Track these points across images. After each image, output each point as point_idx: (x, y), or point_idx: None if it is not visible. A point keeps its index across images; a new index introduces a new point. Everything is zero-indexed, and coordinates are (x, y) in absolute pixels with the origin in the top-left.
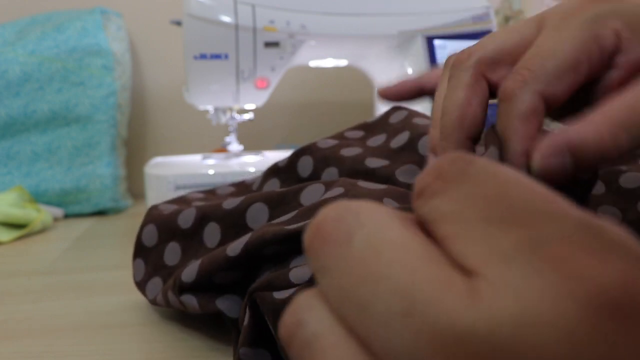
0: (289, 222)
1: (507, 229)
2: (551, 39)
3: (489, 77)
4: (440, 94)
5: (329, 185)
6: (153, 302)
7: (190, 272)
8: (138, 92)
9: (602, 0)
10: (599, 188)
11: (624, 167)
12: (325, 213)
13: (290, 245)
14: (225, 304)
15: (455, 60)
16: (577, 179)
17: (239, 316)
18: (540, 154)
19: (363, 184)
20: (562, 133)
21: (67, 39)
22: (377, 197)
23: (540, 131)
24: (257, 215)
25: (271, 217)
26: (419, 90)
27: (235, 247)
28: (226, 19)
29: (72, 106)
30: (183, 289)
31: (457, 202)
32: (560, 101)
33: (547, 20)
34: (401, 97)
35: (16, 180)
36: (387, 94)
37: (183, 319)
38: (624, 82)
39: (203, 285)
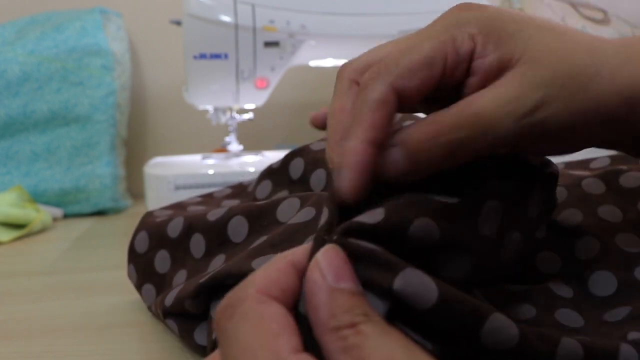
0: (255, 250)
1: None
2: (411, 39)
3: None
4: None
5: (304, 200)
6: (150, 309)
7: (170, 296)
8: (138, 92)
9: (467, 8)
10: (599, 188)
11: (624, 167)
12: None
13: None
14: (200, 336)
15: (337, 74)
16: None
17: (207, 346)
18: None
19: None
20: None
21: (66, 39)
22: None
23: (389, 121)
24: (238, 229)
25: (250, 230)
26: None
27: (206, 276)
28: (226, 18)
29: (72, 106)
30: (166, 312)
31: (224, 358)
32: (414, 95)
33: (420, 30)
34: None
35: (15, 180)
36: (317, 122)
37: None
38: (481, 87)
39: (180, 312)
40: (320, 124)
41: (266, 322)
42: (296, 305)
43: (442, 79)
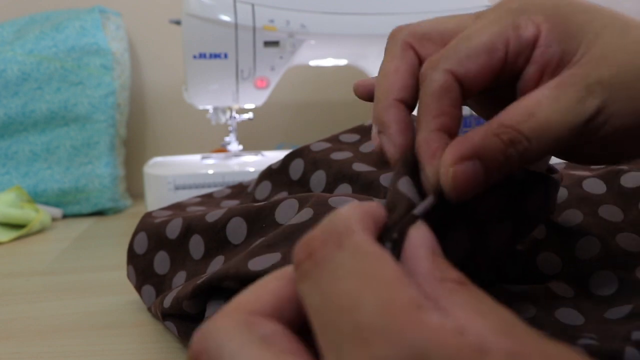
0: (252, 251)
1: (353, 346)
2: (473, 25)
3: (418, 51)
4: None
5: (303, 201)
6: (149, 310)
7: (169, 298)
8: (137, 92)
9: None
10: (600, 187)
11: (625, 167)
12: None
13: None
14: None
15: (390, 35)
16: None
17: None
18: (450, 162)
19: (335, 200)
20: (464, 139)
21: (65, 38)
22: None
23: (456, 108)
24: (236, 230)
25: (249, 232)
26: None
27: (203, 278)
28: (226, 18)
29: (71, 106)
30: (164, 314)
31: (320, 295)
32: (476, 83)
33: (482, 13)
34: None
35: (14, 180)
36: (361, 91)
37: None
38: (538, 79)
39: (178, 313)
40: (367, 95)
41: (389, 259)
42: None
43: (504, 66)
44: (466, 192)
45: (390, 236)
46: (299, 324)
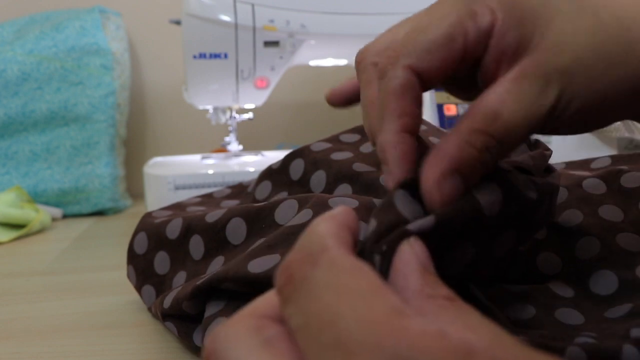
0: (252, 253)
1: (335, 356)
2: (428, 15)
3: None
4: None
5: (302, 202)
6: (150, 310)
7: (168, 298)
8: (137, 92)
9: None
10: (600, 188)
11: (625, 167)
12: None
13: (247, 288)
14: (198, 337)
15: (355, 63)
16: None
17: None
18: (433, 183)
19: (335, 201)
20: (439, 153)
21: (65, 38)
22: None
23: (417, 105)
24: (236, 231)
25: (249, 232)
26: None
27: (203, 279)
28: (226, 18)
29: (71, 106)
30: (164, 314)
31: (302, 315)
32: (436, 76)
33: (436, 2)
34: (348, 98)
35: (14, 180)
36: (333, 99)
37: None
38: (497, 68)
39: (178, 314)
40: (343, 101)
41: (366, 270)
42: None
43: (464, 56)
44: (450, 204)
45: (380, 248)
46: None
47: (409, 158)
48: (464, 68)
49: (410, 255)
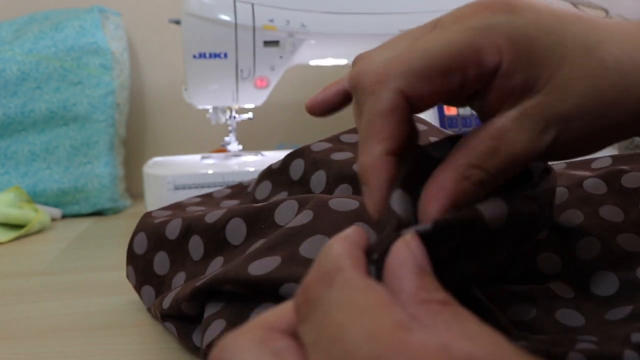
0: (252, 255)
1: None
2: (430, 38)
3: None
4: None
5: (302, 203)
6: (149, 310)
7: (168, 299)
8: (137, 92)
9: (500, 9)
10: (601, 188)
11: (626, 167)
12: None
13: (247, 290)
14: (198, 338)
15: (352, 87)
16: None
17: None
18: (433, 217)
19: (336, 203)
20: (437, 187)
21: (65, 38)
22: (347, 219)
23: (403, 125)
24: (236, 231)
25: (249, 233)
26: (347, 93)
27: (202, 280)
28: (225, 17)
29: (70, 105)
30: (164, 315)
31: (315, 332)
32: (427, 102)
33: (440, 22)
34: (331, 106)
35: (14, 180)
36: (315, 109)
37: None
38: (500, 105)
39: (177, 314)
40: (325, 110)
41: (376, 288)
42: None
43: (461, 89)
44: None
45: (371, 258)
46: None
47: (390, 182)
48: (459, 98)
49: (407, 254)
